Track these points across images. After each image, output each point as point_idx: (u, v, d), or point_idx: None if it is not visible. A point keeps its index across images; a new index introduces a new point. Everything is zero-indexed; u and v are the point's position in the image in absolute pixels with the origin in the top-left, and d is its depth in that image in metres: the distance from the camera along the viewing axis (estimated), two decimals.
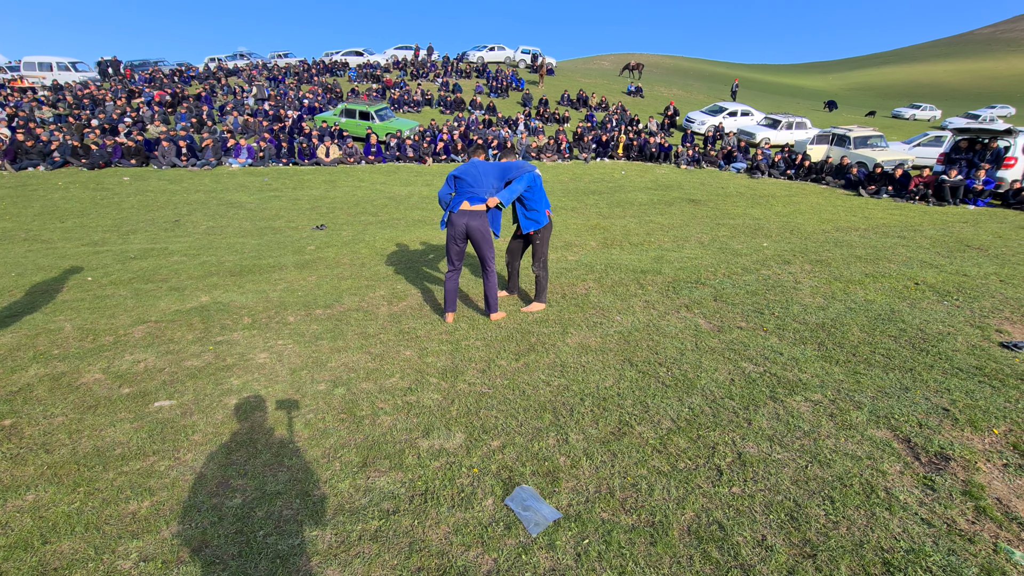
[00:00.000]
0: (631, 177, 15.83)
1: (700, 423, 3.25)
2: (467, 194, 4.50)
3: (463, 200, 4.49)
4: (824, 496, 2.61)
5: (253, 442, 3.12)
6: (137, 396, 3.61)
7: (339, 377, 3.88)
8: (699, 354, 4.19)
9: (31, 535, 2.42)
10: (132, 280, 6.18)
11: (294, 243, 8.15)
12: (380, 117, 18.97)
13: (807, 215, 10.68)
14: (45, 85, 24.61)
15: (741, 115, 23.58)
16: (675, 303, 5.30)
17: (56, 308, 5.23)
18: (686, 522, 2.48)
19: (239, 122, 18.85)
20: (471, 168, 4.54)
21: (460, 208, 4.49)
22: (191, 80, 28.74)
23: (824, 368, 3.93)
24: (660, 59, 62.59)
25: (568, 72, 39.87)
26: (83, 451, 3.02)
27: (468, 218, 4.48)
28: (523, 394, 3.63)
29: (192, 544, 2.37)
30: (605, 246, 7.86)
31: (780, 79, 65.26)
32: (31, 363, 4.03)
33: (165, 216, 10.42)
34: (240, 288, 5.87)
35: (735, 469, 2.82)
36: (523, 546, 2.35)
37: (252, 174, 14.73)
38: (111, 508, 2.59)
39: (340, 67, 33.29)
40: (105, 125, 17.35)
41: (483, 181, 4.54)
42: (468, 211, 4.49)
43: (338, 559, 2.30)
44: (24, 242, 8.45)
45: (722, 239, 8.30)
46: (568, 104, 27.27)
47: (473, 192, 4.49)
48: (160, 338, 4.51)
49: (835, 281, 5.96)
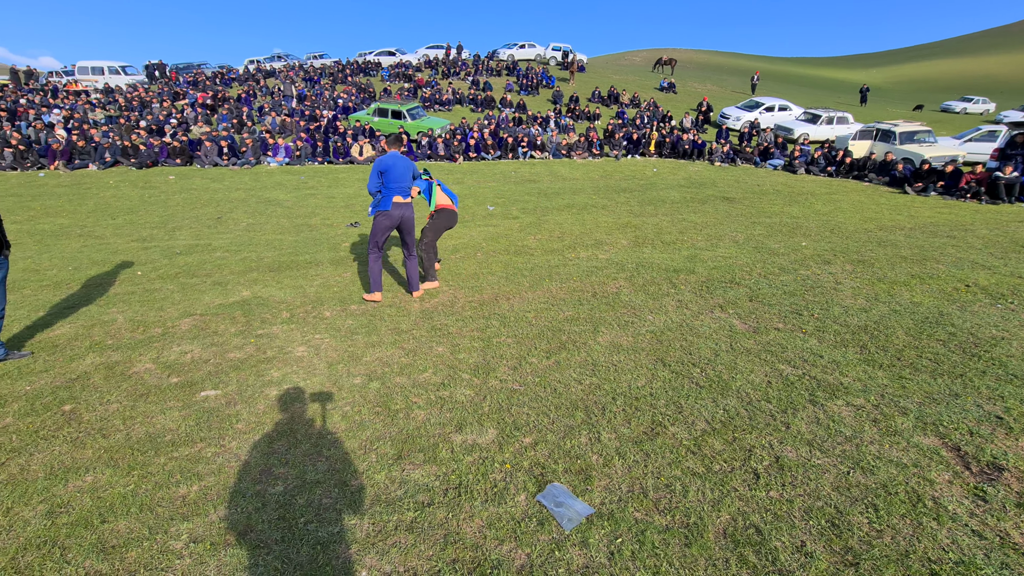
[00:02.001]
0: (663, 174, 15.58)
1: (735, 425, 3.19)
2: (396, 189, 5.10)
3: (394, 195, 5.11)
4: (867, 504, 2.53)
5: (293, 432, 3.23)
6: (185, 385, 3.78)
7: (374, 371, 3.97)
8: (734, 355, 4.11)
9: (90, 514, 2.57)
10: (178, 275, 6.45)
11: (329, 240, 8.36)
12: (412, 116, 19.21)
13: (848, 213, 10.31)
14: (97, 88, 25.86)
15: (779, 110, 22.88)
16: (709, 303, 5.21)
17: (109, 300, 5.51)
18: (722, 525, 2.44)
19: (277, 122, 19.40)
20: (396, 163, 5.06)
21: (394, 201, 5.11)
22: (232, 82, 29.73)
23: (867, 372, 3.80)
24: (694, 54, 61.30)
25: (599, 69, 39.48)
26: (136, 436, 3.19)
27: (403, 209, 5.17)
28: (554, 392, 3.64)
29: (238, 528, 2.48)
30: (636, 244, 7.77)
31: (819, 72, 63.01)
32: (88, 352, 4.27)
33: (208, 213, 10.83)
34: (279, 283, 6.06)
35: (772, 473, 2.76)
36: (556, 542, 2.37)
37: (289, 172, 15.15)
38: (163, 491, 2.72)
39: (373, 67, 33.85)
40: (152, 126, 18.13)
41: (406, 176, 5.16)
42: (401, 203, 5.16)
43: (376, 548, 2.37)
44: (79, 238, 8.93)
45: (758, 238, 8.10)
46: (599, 101, 27.01)
47: (400, 186, 5.13)
48: (205, 330, 4.71)
49: (879, 282, 5.74)
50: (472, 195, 12.64)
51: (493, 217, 10.41)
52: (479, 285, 5.87)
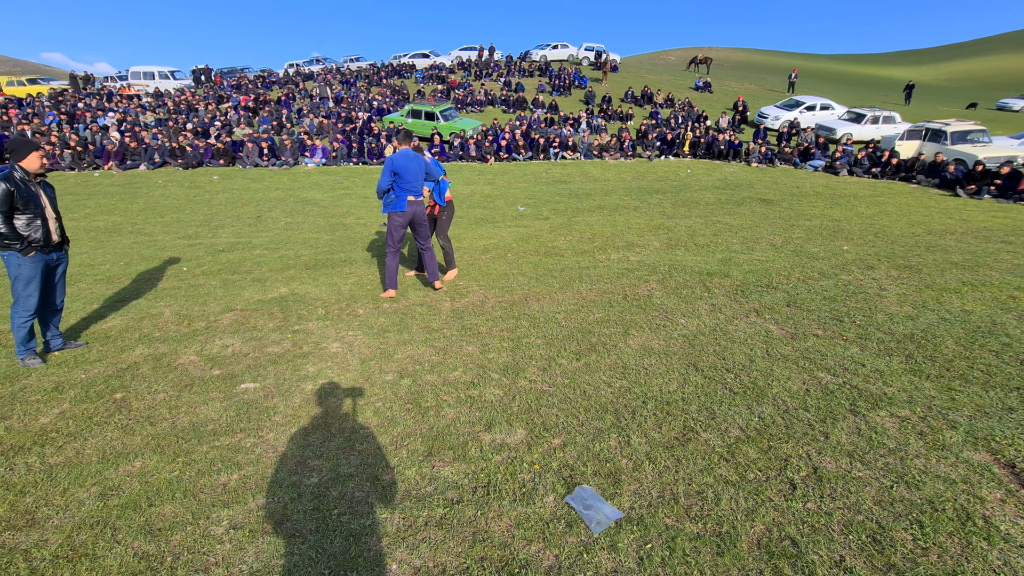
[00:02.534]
0: (697, 176, 15.28)
1: (771, 434, 3.11)
2: (410, 189, 5.24)
3: (408, 194, 5.25)
4: (912, 520, 2.43)
5: (328, 426, 3.32)
6: (226, 378, 3.93)
7: (405, 369, 4.04)
8: (770, 361, 4.00)
9: (139, 497, 2.70)
10: (221, 271, 6.71)
11: (363, 239, 8.54)
12: (445, 117, 19.43)
13: (894, 217, 9.89)
14: (148, 92, 27.14)
15: (820, 109, 22.10)
16: (744, 307, 5.08)
17: (157, 295, 5.78)
18: (756, 535, 2.39)
19: (314, 124, 19.94)
20: (409, 164, 5.18)
21: (408, 200, 5.27)
22: (272, 85, 30.71)
23: (913, 382, 3.64)
24: (730, 52, 59.87)
25: (633, 68, 39.02)
26: (181, 425, 3.33)
27: (416, 207, 5.35)
28: (584, 394, 3.62)
29: (275, 517, 2.57)
30: (669, 247, 7.66)
31: (863, 70, 60.57)
32: (137, 344, 4.49)
33: (249, 212, 11.23)
34: (315, 281, 6.23)
35: (810, 484, 2.68)
36: (584, 545, 2.36)
37: (326, 173, 15.55)
38: (205, 478, 2.84)
39: (408, 69, 34.39)
40: (198, 128, 18.91)
41: (420, 176, 5.31)
42: (414, 202, 5.32)
43: (406, 542, 2.41)
44: (130, 234, 9.39)
45: (796, 241, 7.85)
46: (632, 101, 26.71)
47: (413, 187, 5.27)
48: (245, 325, 4.88)
49: (926, 289, 5.49)
50: (503, 196, 12.70)
51: (523, 218, 10.42)
52: (509, 285, 5.90)
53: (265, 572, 2.27)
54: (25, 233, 3.86)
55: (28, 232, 3.87)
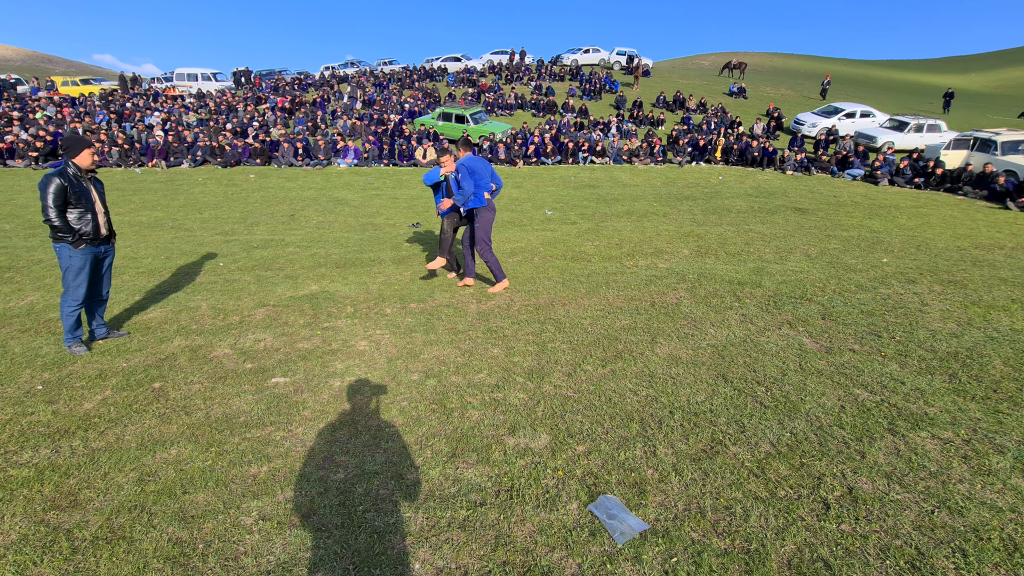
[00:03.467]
0: (729, 183, 14.99)
1: (804, 450, 3.02)
2: (484, 186, 5.57)
3: (483, 192, 5.58)
4: (954, 547, 2.32)
5: (354, 423, 3.37)
6: (258, 372, 4.03)
7: (431, 369, 4.07)
8: (803, 375, 3.88)
9: (174, 484, 2.79)
10: (255, 267, 6.90)
11: (392, 239, 8.66)
12: (475, 120, 19.58)
13: (938, 229, 9.50)
14: (191, 93, 28.17)
15: (860, 116, 21.42)
16: (776, 319, 4.95)
17: (195, 289, 5.98)
18: (786, 554, 2.31)
19: (347, 125, 20.35)
20: (479, 163, 5.55)
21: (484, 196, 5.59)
22: (308, 87, 31.49)
23: (956, 403, 3.48)
24: (767, 57, 58.59)
25: (665, 73, 38.59)
26: (215, 416, 3.44)
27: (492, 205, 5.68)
28: (609, 401, 3.58)
29: (302, 510, 2.62)
30: (699, 254, 7.52)
31: (908, 76, 58.45)
32: (175, 335, 4.65)
33: (283, 211, 11.52)
34: (344, 279, 6.34)
35: (845, 504, 2.59)
36: (608, 555, 2.33)
37: (357, 173, 15.85)
38: (236, 469, 2.92)
39: (439, 73, 34.80)
40: (237, 128, 19.52)
41: (487, 175, 5.63)
42: (488, 199, 5.65)
43: (429, 542, 2.42)
44: (171, 230, 9.75)
45: (832, 252, 7.62)
46: (664, 106, 26.40)
47: (486, 184, 5.59)
48: (277, 321, 5.00)
49: (972, 305, 5.25)
50: (531, 199, 12.71)
51: (551, 222, 10.41)
52: (535, 289, 5.89)
53: (292, 564, 2.31)
54: (76, 226, 4.05)
55: (79, 225, 4.06)
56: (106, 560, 2.31)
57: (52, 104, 22.96)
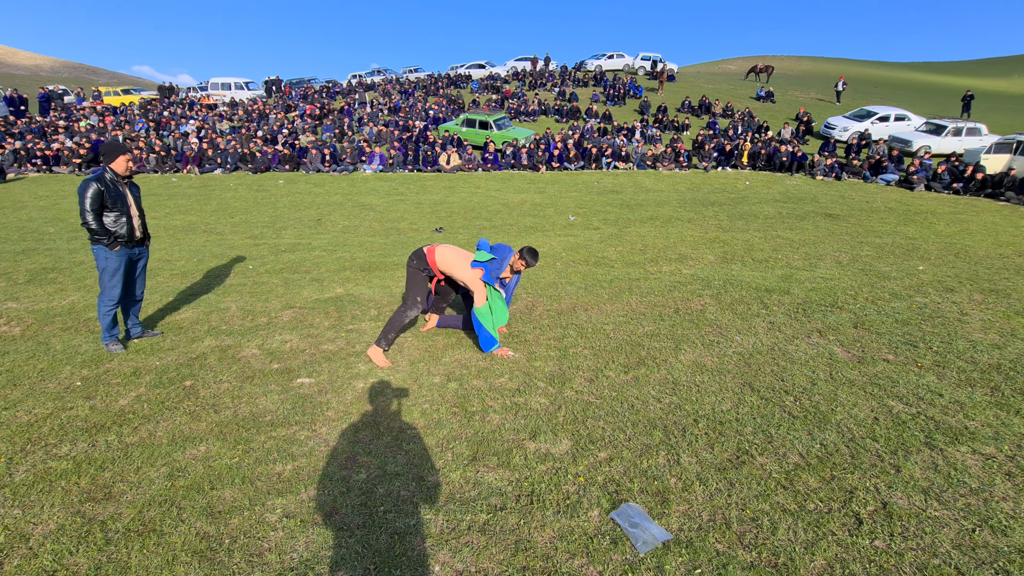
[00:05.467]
0: (756, 188, 14.71)
1: (834, 463, 2.92)
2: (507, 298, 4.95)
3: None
4: (998, 568, 2.21)
5: (376, 424, 3.40)
6: (284, 372, 4.11)
7: (452, 372, 4.09)
8: (834, 385, 3.76)
9: (203, 480, 2.86)
10: (282, 270, 7.05)
11: (415, 244, 8.75)
12: (498, 126, 19.69)
13: (978, 236, 9.13)
14: (224, 102, 29.09)
15: (894, 120, 20.80)
16: (805, 327, 4.82)
17: (225, 290, 6.14)
18: (816, 570, 2.24)
19: (373, 132, 20.71)
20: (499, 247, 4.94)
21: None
22: (336, 95, 32.19)
23: (999, 417, 3.32)
24: (795, 62, 57.46)
25: (690, 78, 38.18)
26: (242, 415, 3.51)
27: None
28: (632, 408, 3.53)
29: (325, 509, 2.65)
30: (724, 261, 7.39)
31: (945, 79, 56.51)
32: (206, 335, 4.78)
33: (310, 215, 11.77)
34: (368, 283, 6.43)
35: (878, 520, 2.49)
36: (630, 564, 2.29)
37: (382, 179, 16.10)
38: (262, 467, 2.97)
39: (464, 80, 35.17)
40: (267, 135, 20.06)
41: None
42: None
43: (449, 545, 2.42)
44: (203, 233, 10.06)
45: (865, 259, 7.39)
46: (689, 111, 26.11)
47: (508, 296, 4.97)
48: (303, 322, 5.10)
49: (1016, 316, 5.02)
50: (553, 205, 12.70)
51: (573, 227, 10.37)
52: (557, 294, 5.87)
53: (314, 562, 2.34)
54: (112, 229, 4.20)
55: (115, 228, 4.21)
56: (137, 552, 2.38)
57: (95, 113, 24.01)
